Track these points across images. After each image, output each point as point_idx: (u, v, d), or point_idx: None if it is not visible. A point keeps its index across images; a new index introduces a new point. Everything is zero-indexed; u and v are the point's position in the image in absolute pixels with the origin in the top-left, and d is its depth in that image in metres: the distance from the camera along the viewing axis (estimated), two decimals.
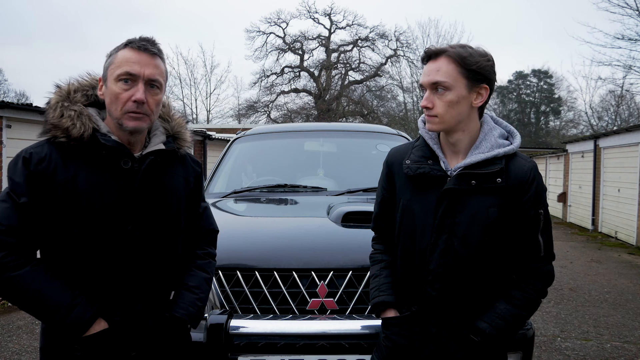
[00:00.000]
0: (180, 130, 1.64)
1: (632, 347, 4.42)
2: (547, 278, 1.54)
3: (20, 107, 6.77)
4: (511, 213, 1.50)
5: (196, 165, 1.72)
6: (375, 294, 1.65)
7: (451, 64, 1.46)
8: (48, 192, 1.39)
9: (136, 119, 1.45)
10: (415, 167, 1.56)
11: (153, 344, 1.51)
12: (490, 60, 1.50)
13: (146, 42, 1.47)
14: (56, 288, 1.38)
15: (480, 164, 1.50)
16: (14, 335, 4.55)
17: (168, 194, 1.55)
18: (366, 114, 29.04)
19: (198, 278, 1.65)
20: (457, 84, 1.46)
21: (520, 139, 1.58)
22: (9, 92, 32.61)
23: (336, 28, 30.12)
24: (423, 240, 1.53)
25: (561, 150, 16.61)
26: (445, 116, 1.48)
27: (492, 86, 1.52)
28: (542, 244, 1.51)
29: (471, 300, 1.52)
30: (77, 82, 1.54)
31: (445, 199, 1.51)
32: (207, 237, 1.77)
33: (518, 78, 38.12)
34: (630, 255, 9.40)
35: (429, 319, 1.54)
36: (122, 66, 1.44)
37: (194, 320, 1.59)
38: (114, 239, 1.44)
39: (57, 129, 1.42)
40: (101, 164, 1.45)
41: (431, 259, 1.52)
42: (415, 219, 1.56)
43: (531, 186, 1.50)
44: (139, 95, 1.43)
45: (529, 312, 1.53)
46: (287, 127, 4.36)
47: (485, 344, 1.49)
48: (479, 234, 1.48)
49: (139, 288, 1.49)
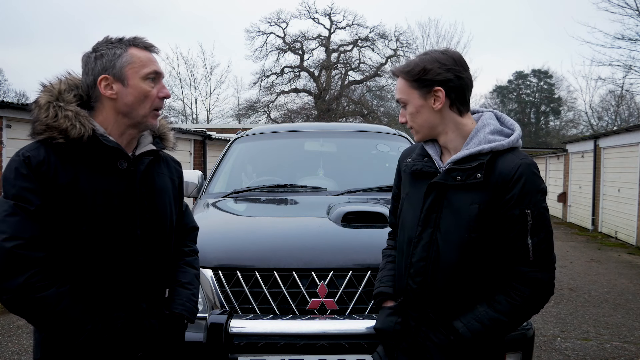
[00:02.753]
0: (165, 132, 1.66)
1: (632, 347, 4.42)
2: (537, 286, 1.42)
3: (20, 107, 6.77)
4: (494, 211, 1.45)
5: (177, 165, 1.75)
6: (376, 285, 1.71)
7: (401, 80, 1.56)
8: (52, 195, 1.36)
9: (157, 116, 1.51)
10: (412, 164, 1.62)
11: (157, 342, 1.52)
12: (439, 62, 1.50)
13: (147, 42, 1.51)
14: (79, 310, 1.36)
15: (465, 159, 1.50)
16: (14, 335, 4.55)
17: (161, 194, 1.57)
18: (366, 114, 29.03)
19: (189, 274, 1.69)
20: (411, 97, 1.54)
21: (517, 136, 1.53)
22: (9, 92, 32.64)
23: (336, 28, 30.12)
24: (412, 233, 1.56)
25: (561, 150, 16.62)
26: (415, 127, 1.58)
27: (449, 85, 1.50)
28: (532, 247, 1.42)
29: (452, 297, 1.50)
30: (66, 81, 1.49)
31: (431, 193, 1.52)
32: (190, 234, 1.82)
33: (518, 78, 38.15)
34: (630, 255, 9.40)
35: (410, 312, 1.55)
36: (148, 65, 1.46)
37: (192, 315, 1.63)
38: (118, 240, 1.44)
39: (54, 130, 1.38)
40: (99, 165, 1.44)
41: (414, 252, 1.53)
42: (408, 212, 1.60)
43: (516, 184, 1.43)
44: (167, 92, 1.50)
45: (512, 319, 1.44)
46: (287, 127, 4.36)
47: (459, 345, 1.46)
48: (459, 231, 1.47)
49: (142, 287, 1.50)
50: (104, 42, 1.48)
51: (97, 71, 1.45)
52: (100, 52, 1.46)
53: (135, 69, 1.44)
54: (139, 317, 1.49)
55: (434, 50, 1.57)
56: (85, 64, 1.48)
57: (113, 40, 1.48)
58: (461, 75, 1.52)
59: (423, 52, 1.59)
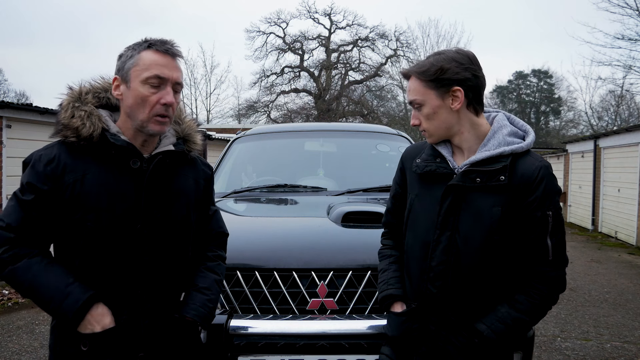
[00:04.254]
0: (191, 133, 1.63)
1: (632, 347, 4.42)
2: (555, 284, 1.47)
3: (20, 107, 6.78)
4: (516, 213, 1.46)
5: (207, 168, 1.71)
6: (383, 287, 1.67)
7: (416, 80, 1.52)
8: (57, 192, 1.42)
9: (162, 123, 1.47)
10: (424, 165, 1.58)
11: (161, 345, 1.51)
12: (456, 61, 1.49)
13: (169, 44, 1.48)
14: (50, 277, 1.39)
15: (485, 161, 1.49)
16: (14, 335, 4.55)
17: (177, 195, 1.55)
18: (366, 114, 29.02)
19: (208, 279, 1.64)
20: (428, 97, 1.51)
21: (533, 138, 1.54)
22: (9, 92, 32.65)
23: (336, 28, 30.12)
24: (427, 236, 1.53)
25: (561, 150, 16.61)
26: (431, 129, 1.55)
27: (467, 85, 1.49)
28: (551, 248, 1.45)
29: (473, 300, 1.50)
30: (90, 84, 1.56)
31: (449, 195, 1.50)
32: (217, 239, 1.76)
33: (518, 78, 38.13)
34: (630, 255, 9.40)
35: (429, 316, 1.54)
36: (151, 69, 1.43)
37: (205, 321, 1.58)
38: (123, 238, 1.45)
39: (68, 129, 1.44)
40: (110, 163, 1.46)
41: (433, 255, 1.51)
42: (420, 215, 1.57)
43: (538, 186, 1.45)
44: (169, 99, 1.44)
45: (532, 317, 1.48)
46: (287, 127, 4.36)
47: (482, 347, 1.46)
48: (482, 233, 1.46)
49: (148, 287, 1.49)
50: (133, 43, 1.50)
51: (115, 71, 1.50)
52: (122, 53, 1.49)
53: (137, 72, 1.44)
54: (142, 318, 1.48)
55: (447, 49, 1.55)
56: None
57: (140, 41, 1.49)
58: (478, 74, 1.51)
59: (435, 52, 1.56)
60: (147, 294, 1.49)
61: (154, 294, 1.51)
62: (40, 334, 4.58)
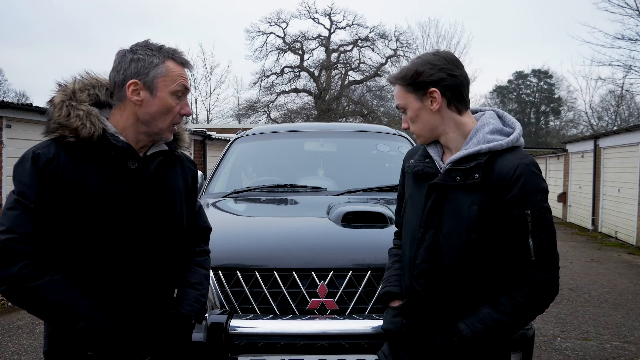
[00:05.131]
0: (180, 132, 1.66)
1: (632, 347, 4.42)
2: (541, 286, 1.41)
3: (20, 107, 6.78)
4: (494, 212, 1.44)
5: (192, 164, 1.74)
6: (383, 284, 1.72)
7: (398, 86, 1.58)
8: (59, 193, 1.38)
9: (173, 131, 1.54)
10: (414, 165, 1.63)
11: (163, 342, 1.53)
12: (430, 63, 1.51)
13: (184, 55, 1.52)
14: (76, 298, 1.37)
15: (464, 159, 1.49)
16: (14, 335, 4.55)
17: (172, 194, 1.57)
18: (366, 114, 29.02)
19: (199, 275, 1.69)
20: (409, 101, 1.56)
21: (516, 135, 1.51)
22: (9, 92, 32.65)
23: (336, 28, 30.11)
24: (414, 234, 1.56)
25: (561, 150, 16.61)
26: (416, 131, 1.59)
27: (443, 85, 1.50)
28: (533, 248, 1.41)
29: (455, 299, 1.50)
30: (81, 81, 1.52)
31: (432, 193, 1.52)
32: (203, 234, 1.82)
33: (518, 78, 38.15)
34: (630, 255, 9.40)
35: (415, 313, 1.56)
36: (179, 80, 1.48)
37: (199, 316, 1.63)
38: (125, 239, 1.45)
39: (65, 129, 1.41)
40: (108, 164, 1.45)
41: (417, 253, 1.54)
42: (411, 213, 1.61)
43: (515, 184, 1.41)
44: (189, 110, 1.52)
45: (515, 320, 1.43)
46: (287, 127, 4.37)
47: (463, 347, 1.46)
48: (461, 232, 1.47)
49: (149, 286, 1.50)
50: (143, 45, 1.49)
51: (130, 74, 1.45)
52: (138, 56, 1.46)
53: (166, 83, 1.46)
54: (145, 316, 1.49)
55: (426, 53, 1.59)
56: (119, 61, 1.48)
57: (153, 47, 1.48)
58: (454, 73, 1.51)
59: (416, 57, 1.61)
60: (148, 292, 1.50)
61: (154, 291, 1.52)
62: (41, 334, 4.58)
